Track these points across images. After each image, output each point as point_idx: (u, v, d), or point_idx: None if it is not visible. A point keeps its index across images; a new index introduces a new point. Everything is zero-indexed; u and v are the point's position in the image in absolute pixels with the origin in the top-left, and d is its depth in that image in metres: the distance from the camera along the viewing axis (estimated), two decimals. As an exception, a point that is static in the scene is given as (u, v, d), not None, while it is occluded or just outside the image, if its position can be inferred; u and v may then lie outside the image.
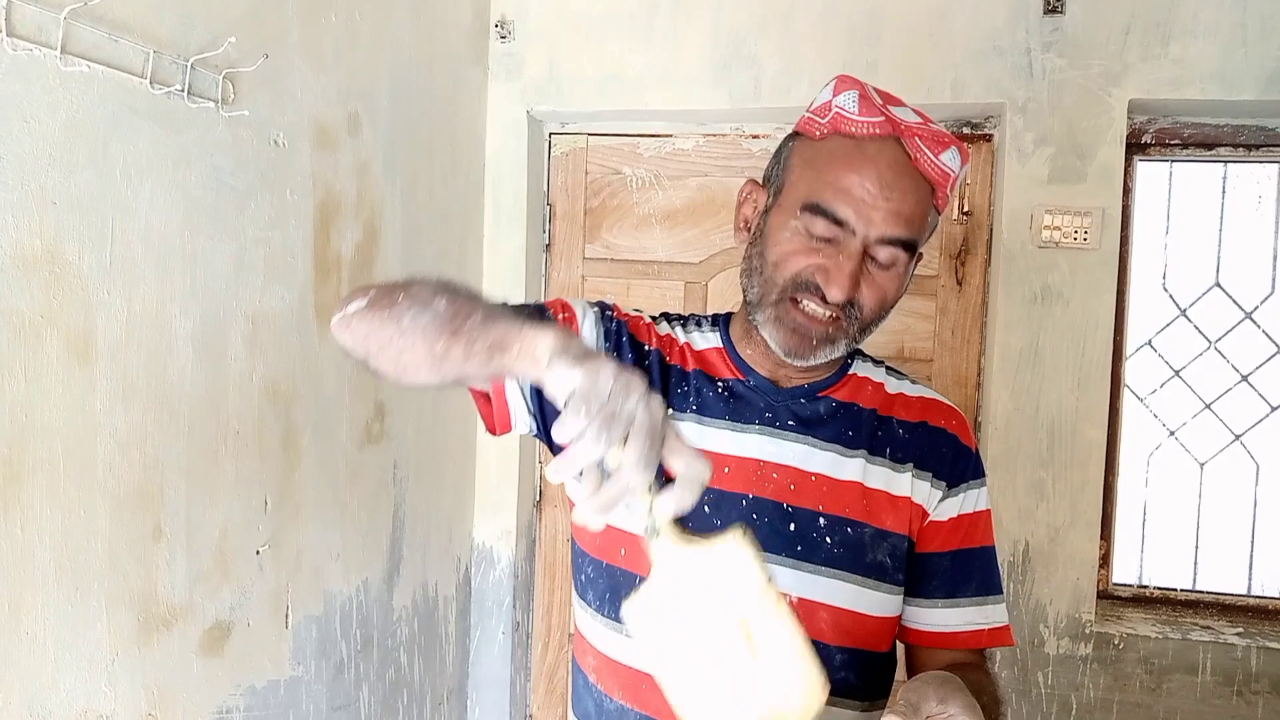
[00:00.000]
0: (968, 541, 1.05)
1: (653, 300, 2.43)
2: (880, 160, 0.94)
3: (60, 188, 1.19)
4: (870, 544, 1.00)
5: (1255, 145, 2.13)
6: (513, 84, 2.37)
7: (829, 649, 0.98)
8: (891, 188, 0.93)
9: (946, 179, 0.96)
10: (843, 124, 0.96)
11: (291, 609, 1.70)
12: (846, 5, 2.16)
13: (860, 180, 0.93)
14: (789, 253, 0.96)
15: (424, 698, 2.23)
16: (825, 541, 0.98)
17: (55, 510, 1.21)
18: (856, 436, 1.03)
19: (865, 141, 0.95)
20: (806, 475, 1.00)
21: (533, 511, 2.54)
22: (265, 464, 1.61)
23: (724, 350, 1.07)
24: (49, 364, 1.19)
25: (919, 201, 0.95)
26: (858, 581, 0.99)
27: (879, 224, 0.93)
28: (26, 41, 1.13)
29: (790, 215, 0.97)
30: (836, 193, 0.94)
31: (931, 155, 0.95)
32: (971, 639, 1.04)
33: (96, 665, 1.28)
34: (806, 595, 0.98)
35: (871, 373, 1.10)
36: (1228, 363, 2.19)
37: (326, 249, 1.75)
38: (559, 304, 1.04)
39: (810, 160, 0.98)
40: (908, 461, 1.03)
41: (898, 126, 0.95)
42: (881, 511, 1.01)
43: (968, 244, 2.24)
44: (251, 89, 1.52)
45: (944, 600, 1.04)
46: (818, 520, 0.99)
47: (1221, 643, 2.05)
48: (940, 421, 1.06)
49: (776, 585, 0.72)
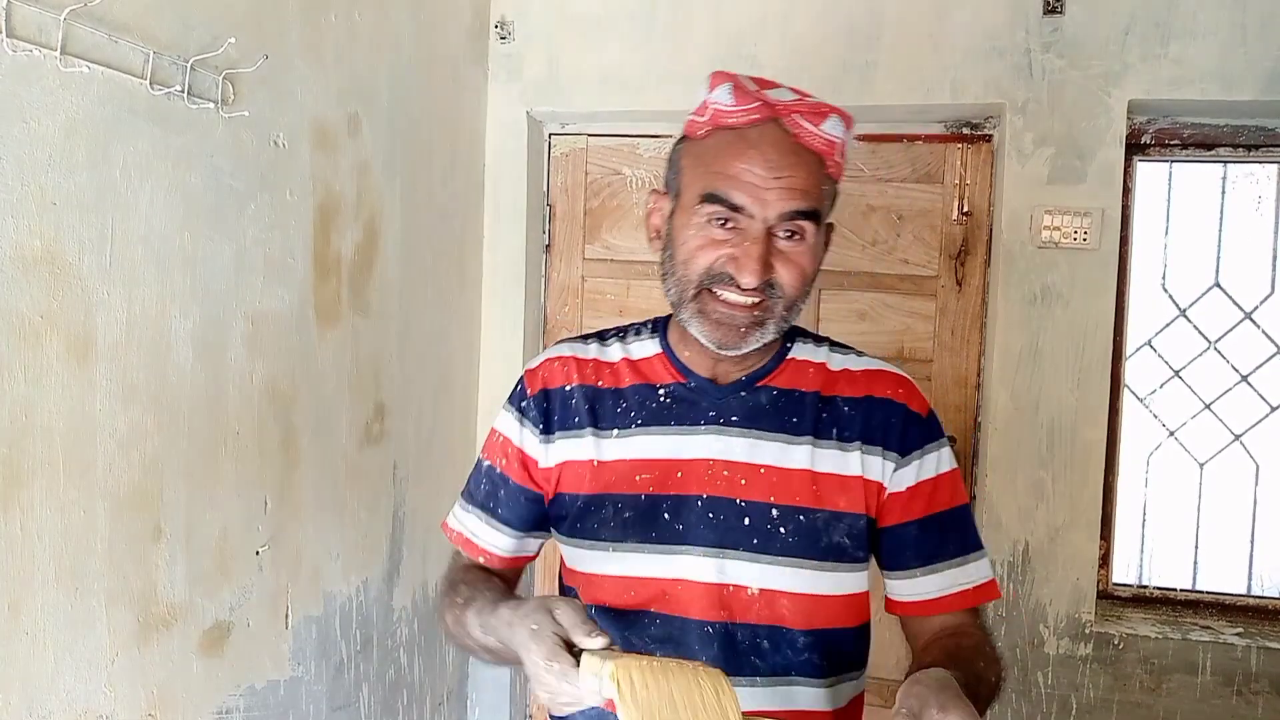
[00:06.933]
0: (933, 506, 1.05)
1: (652, 300, 2.43)
2: (763, 143, 0.96)
3: (60, 188, 1.19)
4: (825, 528, 1.01)
5: (1255, 145, 2.13)
6: (512, 84, 2.37)
7: (793, 633, 1.01)
8: (779, 167, 0.95)
9: (833, 147, 0.98)
10: (721, 118, 0.99)
11: (291, 609, 1.70)
12: (846, 5, 2.16)
13: (748, 166, 0.96)
14: (696, 248, 0.99)
15: (424, 698, 2.24)
16: (780, 532, 1.00)
17: (55, 510, 1.21)
18: (801, 422, 1.04)
19: (745, 129, 0.97)
20: (755, 468, 1.02)
21: (533, 512, 2.54)
22: (265, 464, 1.61)
23: (664, 355, 1.10)
24: (49, 364, 1.19)
25: (809, 174, 0.97)
26: (814, 566, 1.01)
27: (774, 203, 0.96)
28: (26, 42, 1.13)
29: (690, 213, 0.99)
30: (727, 180, 0.96)
31: (812, 127, 0.97)
32: (957, 600, 1.04)
33: (96, 665, 1.28)
34: (768, 586, 1.00)
35: (812, 354, 1.10)
36: (1227, 363, 2.19)
37: (326, 249, 1.75)
38: (497, 446, 1.13)
39: (699, 157, 1.01)
40: (855, 440, 1.04)
41: (774, 108, 0.97)
42: (834, 494, 1.02)
43: (967, 244, 2.24)
44: (251, 89, 1.52)
45: (921, 569, 1.04)
46: (770, 511, 1.01)
47: (1221, 643, 2.05)
48: (886, 392, 1.06)
49: (741, 706, 0.81)
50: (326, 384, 1.77)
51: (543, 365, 1.12)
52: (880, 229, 2.28)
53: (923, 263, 2.27)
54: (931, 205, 2.26)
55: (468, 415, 2.41)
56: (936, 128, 2.26)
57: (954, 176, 2.24)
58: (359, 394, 1.88)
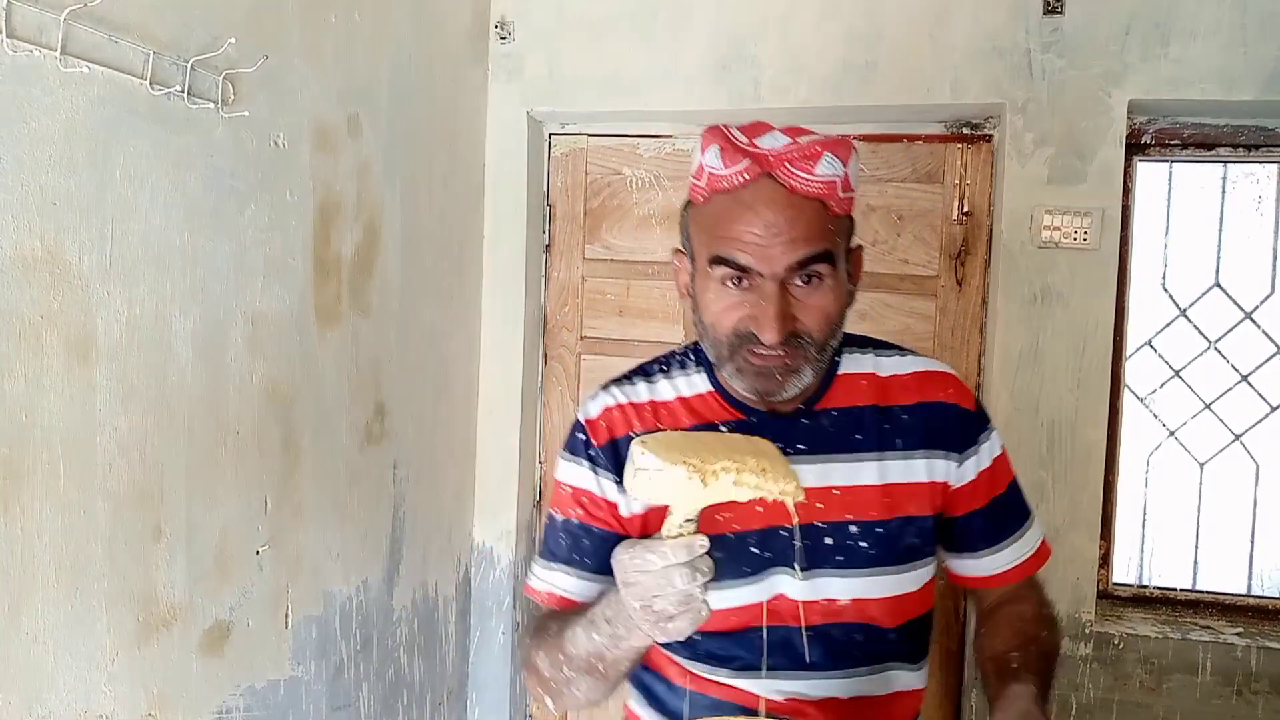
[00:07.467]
0: (993, 491, 1.13)
1: (652, 300, 2.43)
2: (757, 203, 0.97)
3: (60, 188, 1.19)
4: (898, 534, 1.07)
5: (1255, 145, 2.12)
6: (513, 85, 2.37)
7: (885, 631, 1.08)
8: (776, 224, 0.97)
9: (832, 187, 0.98)
10: (716, 182, 1.00)
11: (291, 609, 1.70)
12: (846, 6, 2.16)
13: (746, 228, 0.97)
14: (718, 312, 1.01)
15: (424, 698, 2.24)
16: (860, 546, 1.06)
17: (55, 510, 1.21)
18: (865, 439, 1.08)
19: (740, 192, 0.98)
20: (829, 491, 1.06)
21: (533, 512, 2.54)
22: (265, 464, 1.61)
23: (716, 394, 1.11)
24: (49, 364, 1.19)
25: (810, 222, 0.98)
26: (894, 571, 1.07)
27: (779, 258, 0.97)
28: (26, 42, 1.13)
29: (707, 277, 1.02)
30: (730, 244, 0.98)
31: (806, 175, 0.97)
32: (1018, 573, 1.15)
33: (96, 665, 1.28)
34: (857, 596, 1.06)
35: (859, 364, 1.13)
36: (1228, 363, 2.19)
37: (326, 250, 1.75)
38: (569, 498, 1.11)
39: (702, 224, 1.03)
40: (917, 447, 1.09)
41: (764, 161, 0.98)
42: (904, 501, 1.08)
43: (967, 244, 2.24)
44: (251, 90, 1.52)
45: (986, 549, 1.14)
46: (849, 529, 1.06)
47: (1221, 643, 2.05)
48: (939, 395, 1.11)
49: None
50: (326, 384, 1.77)
51: (603, 415, 1.12)
52: (880, 229, 2.28)
53: (923, 263, 2.27)
54: (931, 205, 2.26)
55: (468, 415, 2.41)
56: (936, 128, 2.26)
57: (954, 176, 2.24)
58: (359, 394, 1.89)
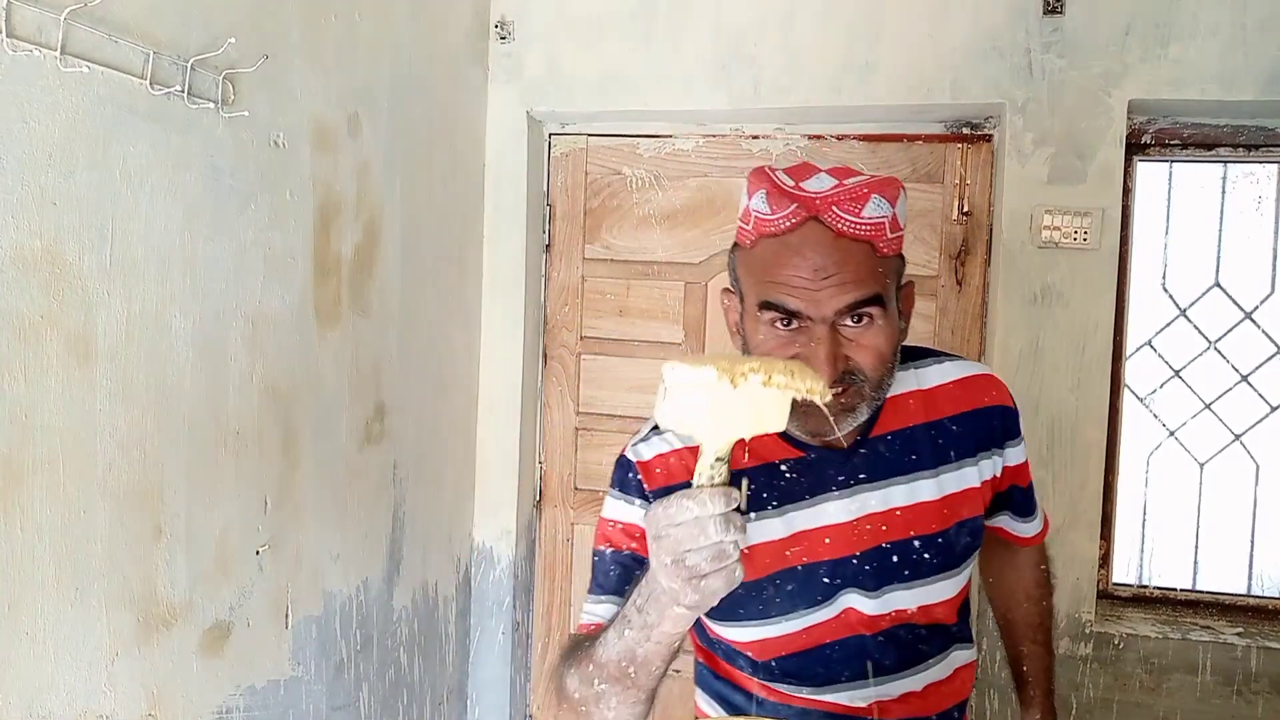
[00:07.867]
0: (1019, 479, 1.21)
1: (652, 300, 2.43)
2: (805, 248, 0.97)
3: (60, 188, 1.19)
4: (956, 538, 1.11)
5: (1255, 145, 2.13)
6: (513, 85, 2.37)
7: (947, 627, 1.13)
8: (825, 268, 0.96)
9: (880, 229, 0.98)
10: (763, 227, 1.00)
11: (291, 609, 1.70)
12: (846, 5, 2.16)
13: (794, 273, 0.97)
14: (769, 351, 1.01)
15: (424, 698, 2.24)
16: (925, 557, 1.09)
17: (55, 510, 1.21)
18: (920, 458, 1.10)
19: (787, 235, 0.98)
20: (891, 513, 1.08)
21: (533, 511, 2.54)
22: (265, 464, 1.61)
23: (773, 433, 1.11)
24: (49, 364, 1.19)
25: (859, 265, 0.97)
26: (955, 573, 1.11)
27: (828, 303, 0.96)
28: (26, 42, 1.13)
29: (756, 319, 1.02)
30: (778, 289, 0.98)
31: (853, 218, 0.96)
32: (1039, 537, 1.32)
33: (96, 665, 1.28)
34: (923, 603, 1.10)
35: (903, 382, 1.13)
36: (1228, 363, 2.19)
37: (326, 250, 1.75)
38: (621, 533, 1.09)
39: (750, 268, 1.03)
40: (970, 454, 1.12)
41: (812, 205, 0.97)
42: (959, 508, 1.11)
43: (967, 244, 2.24)
44: (251, 89, 1.52)
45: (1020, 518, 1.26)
46: (913, 544, 1.08)
47: (1221, 643, 2.05)
48: (983, 400, 1.14)
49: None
50: (326, 384, 1.77)
51: (656, 460, 1.10)
52: (880, 229, 2.28)
53: (923, 262, 2.26)
54: (931, 205, 2.26)
55: (468, 415, 2.41)
56: (936, 127, 2.26)
57: (954, 176, 2.24)
58: (359, 394, 1.89)
